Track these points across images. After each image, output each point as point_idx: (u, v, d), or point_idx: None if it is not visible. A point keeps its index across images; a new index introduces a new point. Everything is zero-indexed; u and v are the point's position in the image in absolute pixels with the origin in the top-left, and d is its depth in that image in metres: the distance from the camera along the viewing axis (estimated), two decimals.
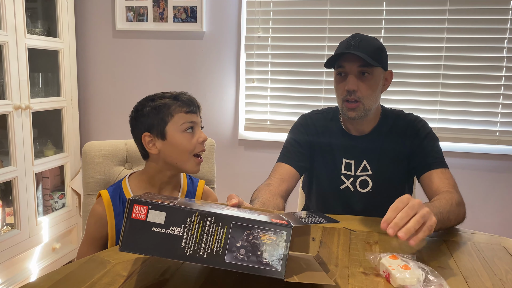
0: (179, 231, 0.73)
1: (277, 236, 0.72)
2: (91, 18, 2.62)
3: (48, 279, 0.84)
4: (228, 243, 0.72)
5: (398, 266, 0.83)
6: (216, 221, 0.73)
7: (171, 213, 0.73)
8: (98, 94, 2.68)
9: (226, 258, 0.71)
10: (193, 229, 0.73)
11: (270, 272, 0.71)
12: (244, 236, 0.72)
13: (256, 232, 0.72)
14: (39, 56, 2.39)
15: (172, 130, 1.16)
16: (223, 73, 2.50)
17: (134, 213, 0.75)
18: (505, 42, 2.17)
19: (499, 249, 1.04)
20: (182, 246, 0.72)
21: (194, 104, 1.19)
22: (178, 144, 1.16)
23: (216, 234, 0.72)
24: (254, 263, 0.71)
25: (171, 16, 2.48)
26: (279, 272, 0.71)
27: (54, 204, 2.55)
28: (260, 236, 0.72)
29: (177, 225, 0.73)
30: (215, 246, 0.72)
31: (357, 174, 1.38)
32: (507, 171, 2.24)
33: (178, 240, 0.72)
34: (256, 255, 0.71)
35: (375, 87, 1.31)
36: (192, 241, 0.72)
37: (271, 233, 0.72)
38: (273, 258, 0.72)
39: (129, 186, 1.21)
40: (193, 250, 0.72)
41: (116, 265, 0.90)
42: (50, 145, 2.48)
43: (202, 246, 0.72)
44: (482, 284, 0.86)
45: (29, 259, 2.28)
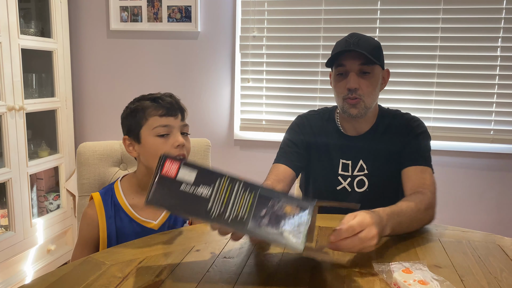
0: (207, 193, 0.73)
1: (300, 210, 0.73)
2: (85, 18, 2.61)
3: (43, 281, 0.84)
4: (254, 210, 0.72)
5: (415, 281, 0.80)
6: (244, 187, 0.73)
7: (201, 173, 0.73)
8: (92, 94, 2.67)
9: (249, 225, 0.71)
10: (221, 192, 0.73)
11: (290, 244, 0.71)
12: (269, 205, 0.72)
13: (281, 203, 0.73)
14: (32, 56, 2.37)
15: (146, 134, 1.14)
16: (218, 73, 2.50)
17: (165, 169, 0.75)
18: (499, 41, 2.18)
19: (494, 247, 1.05)
20: (208, 208, 0.72)
21: (173, 108, 1.14)
22: (151, 149, 1.14)
23: (242, 199, 0.73)
24: (276, 234, 0.72)
25: (166, 16, 2.48)
26: (299, 245, 0.71)
27: (49, 205, 2.53)
28: (285, 207, 0.73)
29: (207, 185, 0.73)
30: (241, 212, 0.72)
31: (354, 174, 1.39)
32: (501, 169, 2.26)
33: (205, 201, 0.72)
34: (279, 226, 0.72)
35: (375, 85, 1.32)
36: (219, 204, 0.72)
37: (295, 206, 0.73)
38: (294, 230, 0.72)
39: (121, 188, 1.21)
40: (219, 213, 0.72)
41: (111, 267, 0.90)
42: (44, 146, 2.47)
43: (228, 210, 0.72)
44: (477, 283, 0.86)
45: (24, 261, 2.26)
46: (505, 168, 2.25)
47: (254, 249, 1.00)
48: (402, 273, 0.83)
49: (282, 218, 0.73)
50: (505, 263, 0.96)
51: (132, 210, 1.18)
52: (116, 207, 1.19)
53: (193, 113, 2.52)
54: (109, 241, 1.18)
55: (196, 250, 0.99)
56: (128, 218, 1.18)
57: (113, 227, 1.17)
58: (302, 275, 0.87)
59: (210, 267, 0.90)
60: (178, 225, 1.22)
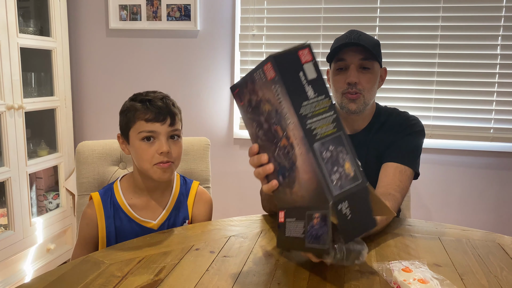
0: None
1: (354, 174, 0.77)
2: (84, 17, 2.60)
3: (42, 280, 0.84)
4: (326, 140, 0.76)
5: (415, 280, 0.80)
6: (333, 109, 0.78)
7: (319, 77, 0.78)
8: (92, 93, 2.66)
9: (315, 145, 0.75)
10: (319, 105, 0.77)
11: (327, 189, 0.74)
12: (338, 147, 0.76)
13: (345, 155, 0.77)
14: (31, 55, 2.37)
15: (133, 137, 1.14)
16: (217, 72, 2.50)
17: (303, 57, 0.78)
18: (499, 40, 2.18)
19: (494, 246, 1.05)
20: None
21: (161, 113, 1.11)
22: (136, 152, 1.13)
23: (327, 121, 0.77)
24: (327, 172, 0.75)
25: (165, 14, 2.47)
26: (332, 193, 0.74)
27: (48, 204, 2.53)
28: (345, 161, 0.77)
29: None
30: (322, 129, 0.77)
31: None
32: (501, 168, 2.25)
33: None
34: (332, 168, 0.75)
35: (374, 81, 1.31)
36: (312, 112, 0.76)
37: (353, 168, 0.77)
38: (340, 182, 0.75)
39: (120, 188, 1.21)
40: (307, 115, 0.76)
41: (111, 266, 0.89)
42: (43, 145, 2.46)
43: (318, 126, 0.76)
44: (477, 281, 0.86)
45: (23, 260, 2.26)
46: (505, 167, 2.25)
47: (253, 248, 1.00)
48: (402, 272, 0.83)
49: (339, 165, 0.76)
50: (505, 261, 0.96)
51: (131, 210, 1.18)
52: (115, 207, 1.18)
53: (193, 112, 2.52)
54: (108, 241, 1.17)
55: (196, 249, 0.99)
56: (128, 218, 1.18)
57: (112, 227, 1.17)
58: (302, 274, 0.87)
59: (209, 266, 0.90)
60: (177, 225, 1.22)
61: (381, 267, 0.88)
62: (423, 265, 0.86)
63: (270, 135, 0.83)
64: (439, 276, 0.82)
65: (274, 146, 0.83)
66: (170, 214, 1.21)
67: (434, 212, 2.35)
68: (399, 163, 1.26)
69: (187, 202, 1.24)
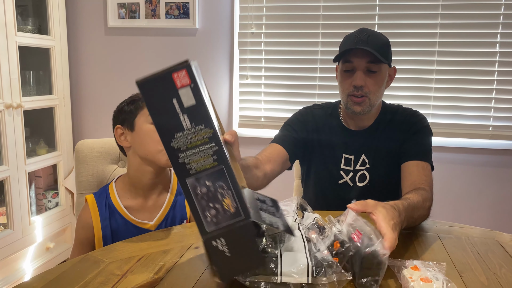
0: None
1: (235, 210, 0.70)
2: (82, 15, 2.59)
3: (41, 279, 0.83)
4: (202, 175, 0.70)
5: (418, 277, 0.79)
6: (215, 140, 0.70)
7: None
8: (90, 92, 2.66)
9: (187, 180, 0.69)
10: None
11: (200, 225, 0.69)
12: (216, 182, 0.70)
13: (226, 190, 0.70)
14: (30, 54, 2.36)
15: (141, 121, 1.15)
16: (216, 70, 2.49)
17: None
18: (498, 37, 2.18)
19: (493, 243, 1.05)
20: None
21: None
22: (145, 135, 1.13)
23: (206, 154, 0.70)
24: (200, 208, 0.70)
25: (164, 12, 2.47)
26: (205, 230, 0.69)
27: (48, 203, 2.53)
28: (224, 197, 0.70)
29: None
30: (199, 163, 0.70)
31: (356, 168, 1.39)
32: (500, 165, 2.26)
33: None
34: (207, 204, 0.70)
35: (381, 83, 1.31)
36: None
37: (233, 204, 0.70)
38: (215, 219, 0.70)
39: (115, 190, 1.20)
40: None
41: (110, 264, 0.89)
42: (42, 143, 2.46)
43: (192, 160, 0.70)
44: (476, 279, 0.86)
45: (22, 259, 2.26)
46: (504, 164, 2.25)
47: None
48: (410, 269, 0.83)
49: (216, 202, 0.70)
50: (504, 259, 0.96)
51: (127, 212, 1.18)
52: (111, 209, 1.18)
53: None
54: (104, 243, 1.17)
55: (195, 247, 0.99)
56: (124, 220, 1.17)
57: (108, 230, 1.17)
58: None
59: (209, 264, 0.90)
60: (175, 225, 1.21)
61: (394, 264, 0.87)
62: (438, 267, 0.84)
63: None
64: (448, 279, 0.80)
65: None
66: (168, 214, 1.20)
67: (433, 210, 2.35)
68: (419, 160, 1.29)
69: (184, 201, 1.24)
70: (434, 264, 0.84)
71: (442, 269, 0.83)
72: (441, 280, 0.79)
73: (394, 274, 0.85)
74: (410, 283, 0.78)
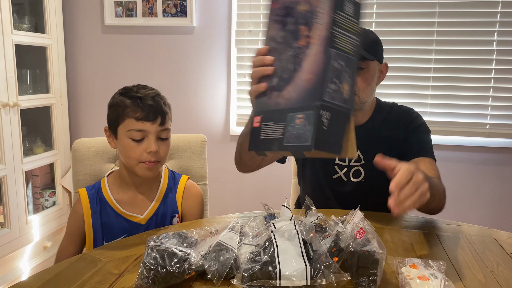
0: None
1: (347, 98, 0.81)
2: (79, 14, 2.58)
3: (38, 278, 0.83)
4: (342, 54, 0.80)
5: (416, 276, 0.80)
6: (359, 39, 0.82)
7: None
8: (87, 90, 2.65)
9: (331, 50, 0.78)
10: None
11: (320, 90, 0.77)
12: (347, 67, 0.80)
13: (348, 78, 0.81)
14: (26, 52, 2.35)
15: (121, 133, 1.13)
16: (214, 68, 2.49)
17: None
18: (495, 35, 2.18)
19: (490, 241, 1.05)
20: None
21: (152, 112, 1.10)
22: (124, 149, 1.13)
23: (351, 42, 0.81)
24: (328, 78, 0.78)
25: (161, 11, 2.46)
26: (323, 97, 0.77)
27: (45, 202, 2.52)
28: (345, 82, 0.80)
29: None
30: (344, 44, 0.81)
31: (350, 164, 1.39)
32: (497, 163, 2.26)
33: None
34: (332, 79, 0.79)
35: (370, 80, 1.31)
36: None
37: (349, 92, 0.81)
38: (333, 94, 0.79)
39: (107, 184, 1.21)
40: None
41: (107, 263, 0.89)
42: (39, 142, 2.45)
43: (341, 38, 0.81)
44: (473, 276, 0.86)
45: (20, 258, 2.25)
46: (501, 162, 2.26)
47: None
48: (408, 268, 0.83)
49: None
50: (502, 256, 0.96)
51: (118, 205, 1.18)
52: (102, 203, 1.19)
53: (189, 108, 2.51)
54: (95, 235, 1.18)
55: None
56: (115, 213, 1.18)
57: (98, 222, 1.18)
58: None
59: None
60: (166, 220, 1.21)
61: (393, 262, 0.87)
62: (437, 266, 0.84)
63: (289, 36, 0.87)
64: (446, 278, 0.80)
65: (287, 48, 0.87)
66: (158, 209, 1.20)
67: None
68: (425, 157, 1.31)
69: (175, 197, 1.24)
70: (434, 263, 0.85)
71: (441, 268, 0.83)
72: (439, 279, 0.79)
73: (393, 272, 0.85)
74: (408, 280, 0.78)
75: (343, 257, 0.83)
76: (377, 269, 0.79)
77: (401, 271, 0.82)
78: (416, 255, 0.95)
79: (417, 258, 0.86)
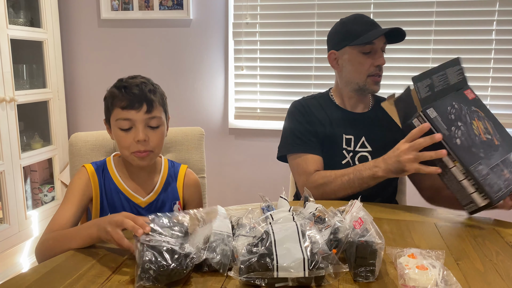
0: None
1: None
2: (75, 8, 2.56)
3: (36, 272, 0.83)
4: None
5: (414, 265, 0.79)
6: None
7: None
8: (84, 84, 2.64)
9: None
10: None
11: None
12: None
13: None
14: (22, 47, 2.34)
15: (112, 124, 1.13)
16: (211, 61, 2.47)
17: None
18: (494, 25, 2.17)
19: (490, 231, 1.05)
20: None
21: (136, 100, 1.08)
22: (116, 139, 1.13)
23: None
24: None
25: (157, 3, 2.44)
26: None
27: (44, 197, 2.52)
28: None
29: None
30: None
31: (356, 150, 1.40)
32: None
33: None
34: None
35: None
36: None
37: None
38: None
39: (113, 162, 1.20)
40: None
41: (104, 257, 0.89)
42: (37, 138, 2.45)
43: None
44: (472, 266, 0.86)
45: (19, 254, 2.25)
46: None
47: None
48: (407, 257, 0.83)
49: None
50: (501, 246, 0.96)
51: (121, 181, 1.18)
52: (106, 177, 1.17)
53: (187, 102, 2.50)
54: (101, 203, 1.16)
55: None
56: (117, 189, 1.17)
57: (104, 194, 1.16)
58: None
59: None
60: (166, 207, 1.20)
61: (392, 252, 0.87)
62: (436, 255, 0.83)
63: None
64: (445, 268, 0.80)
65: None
66: (159, 195, 1.20)
67: None
68: None
69: (176, 185, 1.24)
70: (432, 252, 0.84)
71: (440, 257, 0.83)
72: (438, 268, 0.79)
73: (392, 262, 0.85)
74: (406, 270, 0.78)
75: (342, 248, 0.83)
76: (376, 259, 0.79)
77: (400, 261, 0.82)
78: (415, 245, 0.94)
79: (415, 248, 0.86)
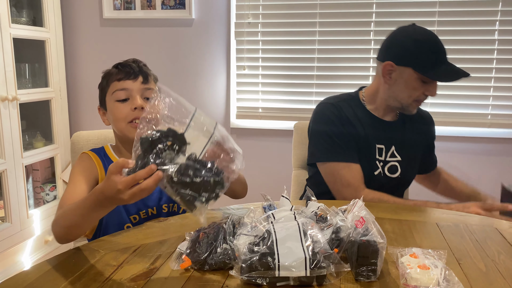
0: None
1: None
2: (77, 7, 2.57)
3: (37, 270, 0.83)
4: None
5: (416, 265, 0.78)
6: None
7: None
8: (87, 83, 2.64)
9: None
10: None
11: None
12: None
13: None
14: (25, 46, 2.34)
15: (108, 100, 1.15)
16: (213, 61, 2.47)
17: None
18: (497, 25, 2.16)
19: (491, 230, 1.05)
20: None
21: (132, 71, 1.13)
22: (113, 114, 1.14)
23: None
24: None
25: (159, 3, 2.44)
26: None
27: (46, 196, 2.52)
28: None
29: None
30: None
31: (386, 159, 1.40)
32: (499, 154, 2.25)
33: None
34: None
35: None
36: None
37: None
38: None
39: (111, 149, 1.20)
40: None
41: (106, 255, 0.89)
42: (39, 136, 2.45)
43: None
44: (474, 265, 0.86)
45: (21, 252, 2.26)
46: (503, 153, 2.25)
47: None
48: (409, 257, 0.82)
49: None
50: (503, 246, 0.95)
51: None
52: (107, 161, 1.16)
53: (189, 101, 2.48)
54: None
55: None
56: None
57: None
58: None
59: None
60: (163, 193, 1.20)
61: (393, 251, 0.87)
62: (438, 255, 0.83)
63: None
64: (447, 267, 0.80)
65: None
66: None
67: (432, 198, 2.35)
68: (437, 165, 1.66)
69: None
70: (434, 252, 0.84)
71: (441, 257, 0.83)
72: (440, 268, 0.78)
73: (394, 261, 0.85)
74: (408, 270, 0.78)
75: (344, 248, 0.82)
76: (377, 258, 0.79)
77: (401, 260, 0.82)
78: (417, 245, 0.94)
79: (417, 247, 0.86)
